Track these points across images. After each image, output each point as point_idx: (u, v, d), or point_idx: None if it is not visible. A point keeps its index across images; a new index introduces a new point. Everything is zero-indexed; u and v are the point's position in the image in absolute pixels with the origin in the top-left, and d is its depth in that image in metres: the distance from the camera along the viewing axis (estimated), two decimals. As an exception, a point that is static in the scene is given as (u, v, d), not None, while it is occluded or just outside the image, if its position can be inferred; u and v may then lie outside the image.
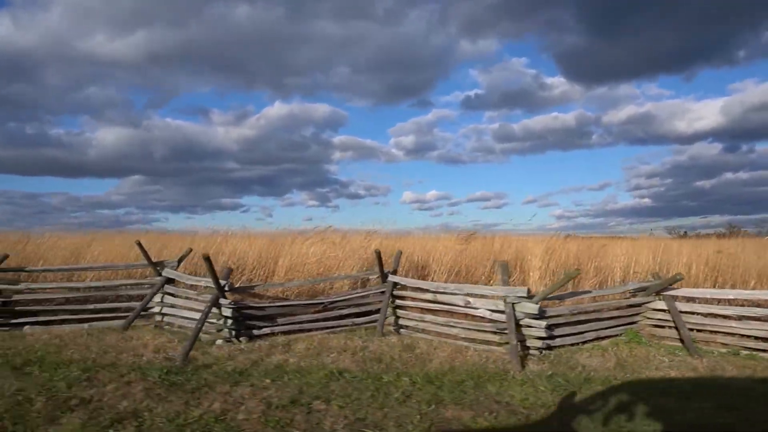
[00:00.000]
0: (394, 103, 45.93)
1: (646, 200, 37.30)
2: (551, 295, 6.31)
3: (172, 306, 7.61)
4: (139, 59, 38.38)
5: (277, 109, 43.01)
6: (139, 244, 7.62)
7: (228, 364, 5.43)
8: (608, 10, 36.94)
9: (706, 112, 38.76)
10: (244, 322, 6.68)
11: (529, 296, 6.15)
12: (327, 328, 7.16)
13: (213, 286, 6.67)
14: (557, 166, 44.10)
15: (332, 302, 7.27)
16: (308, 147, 42.04)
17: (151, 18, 37.70)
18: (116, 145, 38.10)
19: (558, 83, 42.98)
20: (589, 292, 6.75)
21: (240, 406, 4.10)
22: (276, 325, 6.87)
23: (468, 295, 6.58)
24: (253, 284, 7.31)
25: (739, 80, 42.38)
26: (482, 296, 6.48)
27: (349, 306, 7.40)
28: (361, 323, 7.38)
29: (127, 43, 37.18)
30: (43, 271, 7.63)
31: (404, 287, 7.61)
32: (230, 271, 7.06)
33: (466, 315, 6.88)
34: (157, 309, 7.70)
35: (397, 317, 7.40)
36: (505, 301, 6.12)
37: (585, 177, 43.68)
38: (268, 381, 4.75)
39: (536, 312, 5.98)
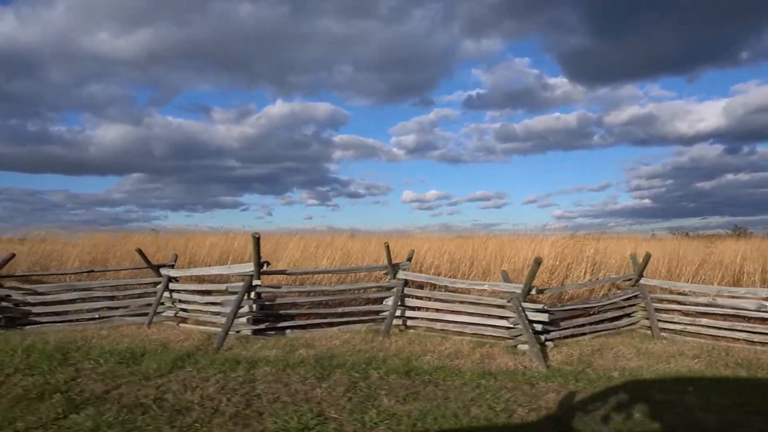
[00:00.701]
0: (397, 102, 45.82)
1: (646, 201, 37.43)
2: None
3: (414, 308, 7.47)
4: (142, 57, 37.83)
5: (278, 108, 42.64)
6: (387, 247, 7.42)
7: (591, 370, 5.34)
8: (611, 11, 37.08)
9: (708, 113, 38.77)
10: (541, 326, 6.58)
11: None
12: (595, 331, 7.10)
13: (506, 289, 6.57)
14: (558, 167, 44.24)
15: (603, 305, 7.22)
16: (309, 146, 41.84)
17: (154, 16, 37.09)
18: (117, 143, 37.61)
19: (560, 83, 43.05)
20: None
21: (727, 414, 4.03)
22: (561, 329, 6.79)
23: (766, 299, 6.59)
24: (543, 288, 7.19)
25: (742, 82, 42.18)
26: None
27: (610, 309, 7.36)
28: (622, 326, 7.36)
29: (130, 41, 36.61)
30: (301, 273, 7.40)
31: (655, 288, 7.60)
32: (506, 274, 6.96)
33: (747, 318, 6.90)
34: (389, 312, 7.54)
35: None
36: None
37: (586, 177, 43.74)
38: (690, 388, 4.68)
39: None
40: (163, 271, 7.99)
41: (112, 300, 8.11)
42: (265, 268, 6.79)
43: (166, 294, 7.97)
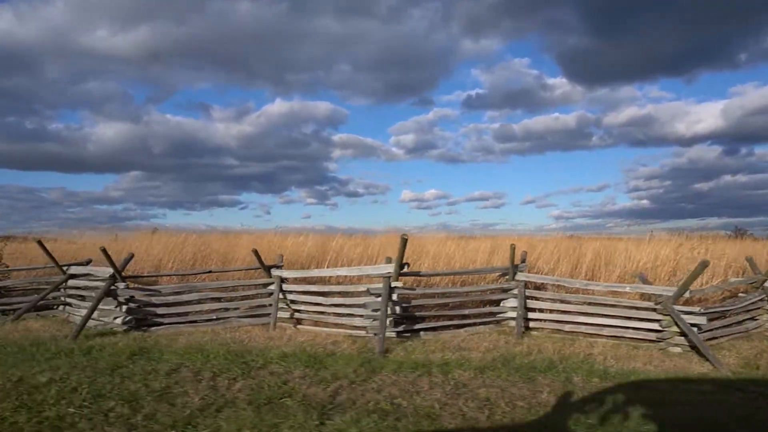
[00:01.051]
0: (395, 101, 45.71)
1: (644, 202, 37.31)
2: None
3: (532, 310, 7.39)
4: (140, 54, 37.52)
5: (277, 106, 42.40)
6: (512, 248, 7.33)
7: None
8: (611, 12, 37.11)
9: (706, 114, 38.56)
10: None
11: None
12: (731, 334, 7.07)
13: (652, 292, 6.52)
14: (557, 167, 44.23)
15: (736, 308, 7.20)
16: (308, 144, 41.65)
17: (153, 13, 36.81)
18: (115, 141, 37.32)
19: (560, 84, 43.00)
20: None
21: None
22: (702, 332, 6.73)
23: None
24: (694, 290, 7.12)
25: (740, 83, 42.32)
26: None
27: (740, 312, 7.35)
28: (751, 329, 7.35)
29: (129, 38, 36.31)
30: (433, 274, 7.30)
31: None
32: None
33: None
34: (511, 314, 7.47)
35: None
36: None
37: (584, 178, 43.74)
38: None
39: None
40: (275, 272, 7.85)
41: (219, 301, 7.98)
42: (405, 269, 6.68)
43: (279, 295, 7.85)
